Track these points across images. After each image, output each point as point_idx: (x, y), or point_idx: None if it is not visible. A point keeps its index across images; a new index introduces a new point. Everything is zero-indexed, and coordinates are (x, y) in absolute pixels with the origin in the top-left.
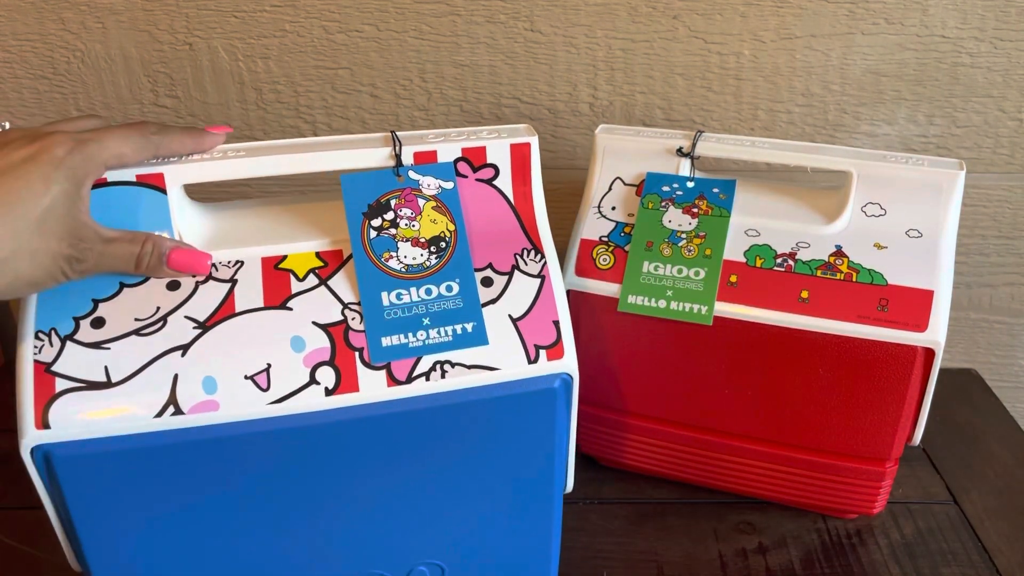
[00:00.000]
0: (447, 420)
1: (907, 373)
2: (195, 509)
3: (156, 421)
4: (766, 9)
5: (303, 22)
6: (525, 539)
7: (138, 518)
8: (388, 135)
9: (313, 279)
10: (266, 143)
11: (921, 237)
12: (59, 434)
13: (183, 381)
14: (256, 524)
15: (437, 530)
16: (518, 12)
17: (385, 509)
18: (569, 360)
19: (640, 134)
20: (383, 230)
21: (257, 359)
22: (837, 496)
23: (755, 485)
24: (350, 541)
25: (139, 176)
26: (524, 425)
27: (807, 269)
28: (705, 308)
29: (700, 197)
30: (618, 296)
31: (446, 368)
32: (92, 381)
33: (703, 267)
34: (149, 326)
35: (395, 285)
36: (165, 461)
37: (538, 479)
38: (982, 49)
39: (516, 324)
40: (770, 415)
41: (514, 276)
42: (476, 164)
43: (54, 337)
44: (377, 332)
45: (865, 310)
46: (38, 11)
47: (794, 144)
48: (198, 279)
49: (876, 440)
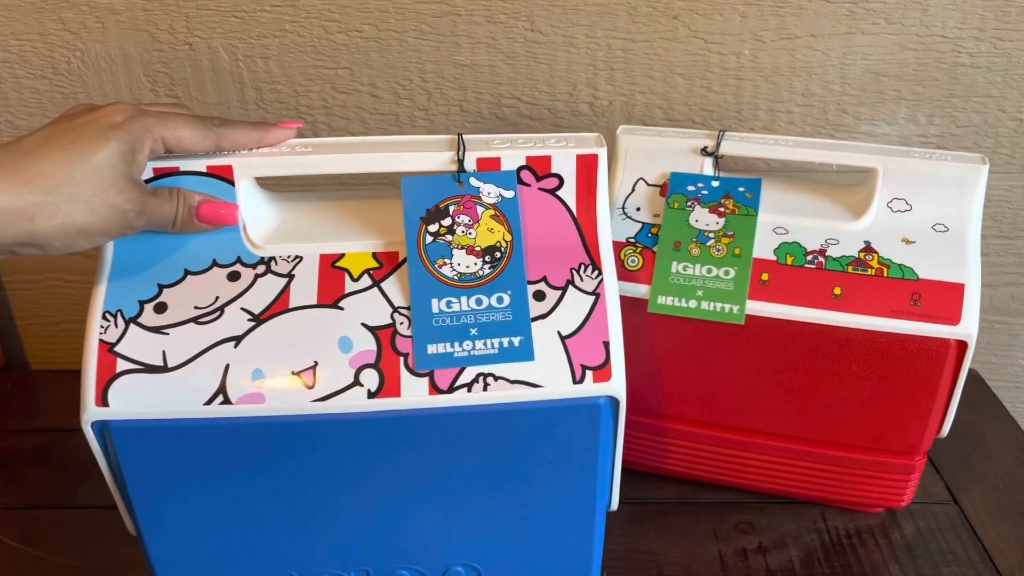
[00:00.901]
0: (486, 432)
1: (940, 366)
2: (237, 490)
3: (205, 408)
4: (766, 9)
5: (303, 22)
6: (564, 554)
7: (185, 491)
8: (454, 138)
9: (367, 280)
10: (332, 140)
11: (947, 231)
12: (116, 412)
13: (233, 371)
14: (293, 510)
15: (473, 535)
16: (518, 12)
17: (420, 509)
18: (617, 383)
19: (662, 134)
20: (439, 236)
21: (305, 356)
22: (866, 491)
23: (783, 483)
24: (386, 536)
25: (209, 167)
26: (566, 442)
27: (838, 265)
28: (736, 307)
29: (726, 196)
30: (647, 297)
31: (489, 381)
32: (150, 364)
33: (733, 266)
34: (207, 315)
35: (446, 293)
36: (211, 444)
37: (579, 496)
38: (982, 49)
39: (564, 342)
40: (801, 412)
41: (568, 291)
42: (540, 173)
43: (119, 319)
44: (424, 339)
45: (899, 304)
46: (38, 11)
47: (817, 142)
48: (258, 272)
49: (907, 434)
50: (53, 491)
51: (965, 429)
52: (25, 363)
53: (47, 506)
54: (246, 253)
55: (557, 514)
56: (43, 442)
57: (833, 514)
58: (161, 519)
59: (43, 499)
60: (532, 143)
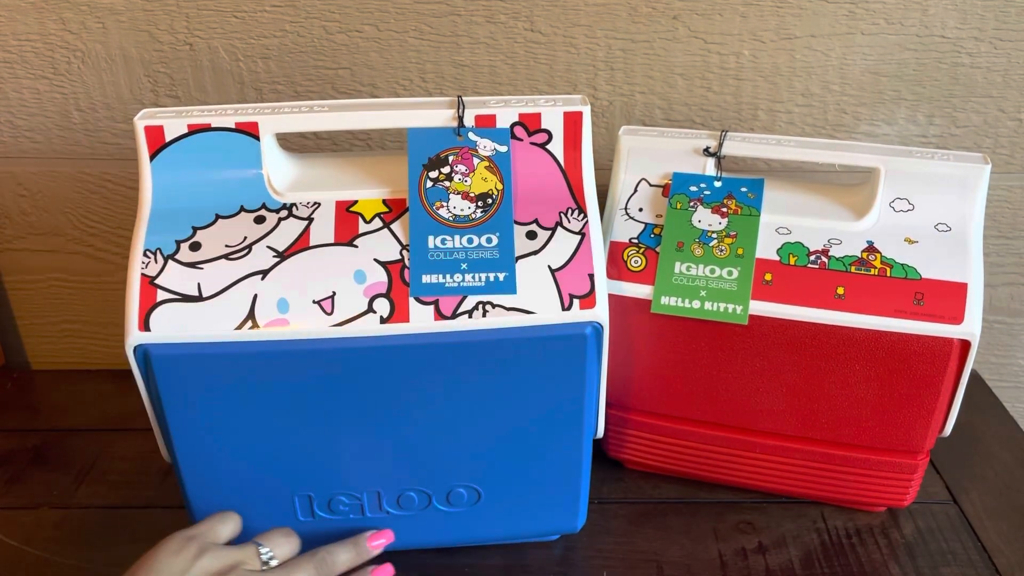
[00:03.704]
0: (485, 354)
1: (943, 365)
2: (262, 413)
3: (236, 332)
4: (766, 9)
5: (303, 22)
6: (556, 476)
7: (216, 414)
8: (455, 99)
9: (378, 222)
10: (346, 101)
11: (950, 231)
12: (157, 336)
13: (261, 300)
14: (312, 433)
15: (474, 456)
16: (518, 12)
17: (427, 430)
18: (600, 310)
19: (663, 135)
20: (439, 182)
21: (324, 287)
22: (869, 490)
23: (787, 482)
24: (395, 455)
25: (237, 123)
26: (556, 366)
27: (841, 265)
28: (740, 307)
29: (728, 196)
30: (651, 298)
31: (487, 308)
32: (187, 295)
33: (736, 266)
34: (237, 252)
35: (441, 231)
36: (242, 366)
37: (568, 419)
38: (982, 49)
39: (554, 274)
40: (805, 412)
41: (557, 231)
42: (531, 129)
43: (159, 255)
44: (420, 269)
45: (902, 304)
46: (38, 11)
47: (820, 142)
48: (281, 216)
49: (910, 433)
50: (53, 491)
51: (965, 429)
52: (25, 363)
53: (47, 506)
54: (270, 200)
55: (549, 438)
56: (43, 442)
57: (833, 514)
58: (193, 439)
59: (43, 499)
60: (524, 102)
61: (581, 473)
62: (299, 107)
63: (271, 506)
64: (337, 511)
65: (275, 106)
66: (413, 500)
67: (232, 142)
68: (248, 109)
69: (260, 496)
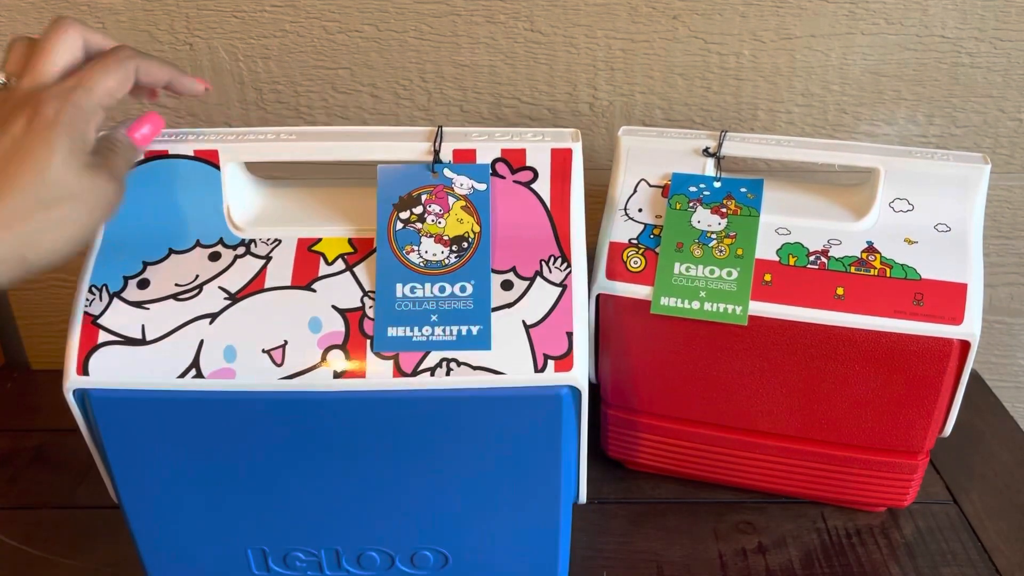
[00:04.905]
0: (448, 413)
1: (943, 366)
2: (208, 462)
3: (179, 381)
4: (766, 9)
5: (303, 22)
6: (530, 543)
7: (160, 460)
8: (434, 129)
9: (340, 264)
10: (317, 129)
11: (950, 231)
12: (96, 380)
13: (207, 347)
14: (263, 486)
15: (439, 518)
16: (518, 12)
17: (385, 488)
18: (578, 373)
19: (663, 135)
20: (410, 223)
21: (276, 335)
22: (869, 490)
23: (787, 483)
24: (353, 516)
25: (196, 151)
26: (527, 429)
27: (841, 266)
28: (740, 308)
29: (728, 197)
30: (650, 299)
31: (451, 366)
32: (129, 337)
33: (735, 267)
34: (186, 292)
35: (411, 278)
36: (183, 415)
37: (543, 487)
38: (982, 49)
39: (528, 331)
40: (805, 413)
41: (535, 282)
42: (515, 166)
43: (104, 292)
44: (385, 321)
45: (901, 305)
46: (38, 11)
47: (819, 142)
48: (238, 253)
49: (910, 433)
50: (53, 491)
51: (965, 429)
52: (25, 363)
53: (47, 506)
54: (228, 235)
55: (522, 504)
56: (43, 442)
57: (833, 514)
58: (138, 486)
59: (43, 499)
60: (509, 136)
61: (559, 540)
62: (265, 134)
63: (223, 557)
64: (293, 567)
65: (240, 132)
66: (375, 560)
67: (191, 170)
68: (210, 135)
69: (211, 546)
